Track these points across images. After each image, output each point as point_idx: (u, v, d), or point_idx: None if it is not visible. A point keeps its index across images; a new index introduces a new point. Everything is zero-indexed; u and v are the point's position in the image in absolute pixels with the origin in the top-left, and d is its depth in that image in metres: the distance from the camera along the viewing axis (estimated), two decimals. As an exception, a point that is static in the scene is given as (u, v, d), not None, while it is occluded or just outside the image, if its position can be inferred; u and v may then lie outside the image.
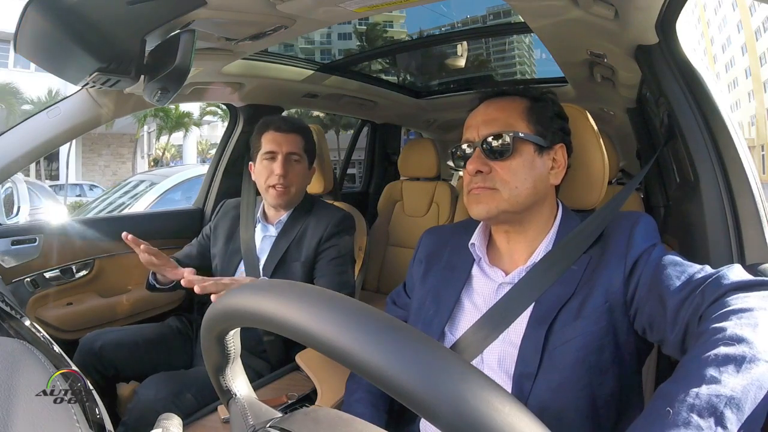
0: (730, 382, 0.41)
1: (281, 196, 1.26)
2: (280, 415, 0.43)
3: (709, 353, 0.44)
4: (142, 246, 1.09)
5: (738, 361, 0.42)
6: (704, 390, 0.40)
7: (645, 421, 0.41)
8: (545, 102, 0.76)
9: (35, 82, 11.67)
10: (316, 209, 1.34)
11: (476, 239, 0.78)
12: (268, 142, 1.27)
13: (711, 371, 0.42)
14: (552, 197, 0.77)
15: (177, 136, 16.01)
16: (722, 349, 0.44)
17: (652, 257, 0.65)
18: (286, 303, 0.31)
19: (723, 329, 0.46)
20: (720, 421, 0.39)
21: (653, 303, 0.61)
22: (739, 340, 0.44)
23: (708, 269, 0.60)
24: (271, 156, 1.26)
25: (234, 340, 0.42)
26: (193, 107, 14.60)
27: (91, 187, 14.20)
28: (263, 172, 1.27)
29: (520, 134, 0.71)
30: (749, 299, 0.50)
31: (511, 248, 0.76)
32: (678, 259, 0.64)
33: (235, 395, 0.45)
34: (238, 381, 0.46)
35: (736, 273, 0.56)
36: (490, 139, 0.72)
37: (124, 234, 1.09)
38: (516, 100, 0.75)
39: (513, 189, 0.71)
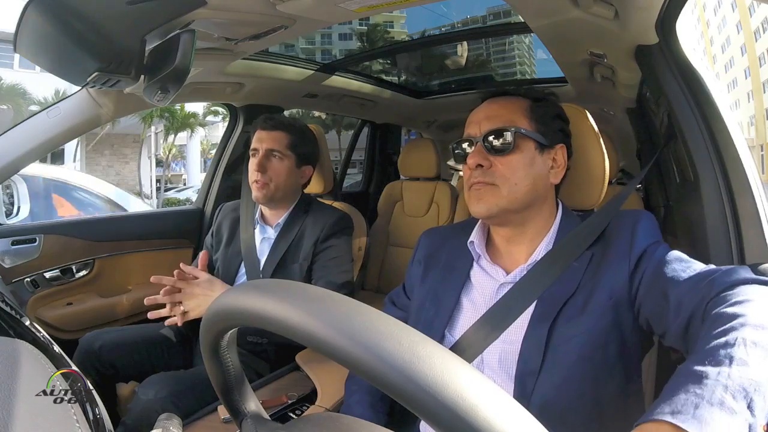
0: (758, 368, 0.40)
1: (259, 190, 1.27)
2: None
3: (735, 335, 0.43)
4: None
5: (765, 348, 0.41)
6: (735, 371, 0.39)
7: (673, 398, 0.38)
8: (547, 102, 0.77)
9: (41, 83, 11.66)
10: (313, 210, 1.34)
11: (475, 237, 0.78)
12: (254, 139, 1.31)
13: (740, 353, 0.41)
14: (552, 197, 0.77)
15: (181, 136, 16.01)
16: (749, 333, 0.43)
17: (657, 253, 0.65)
18: (277, 302, 0.31)
19: (744, 314, 0.45)
20: (750, 406, 0.37)
21: (656, 295, 0.61)
22: (763, 327, 0.43)
23: (713, 266, 0.60)
24: (254, 152, 1.29)
25: (230, 354, 0.42)
26: (197, 107, 14.62)
27: (95, 186, 14.19)
28: (250, 168, 1.30)
29: (522, 130, 0.71)
30: (763, 292, 0.50)
31: (510, 248, 0.76)
32: (683, 255, 0.64)
33: (247, 417, 0.45)
34: (248, 401, 0.45)
35: (747, 271, 0.56)
36: (491, 135, 0.72)
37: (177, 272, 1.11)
38: (518, 99, 0.76)
39: (512, 185, 0.71)
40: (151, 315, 1.05)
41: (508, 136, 0.71)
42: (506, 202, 0.71)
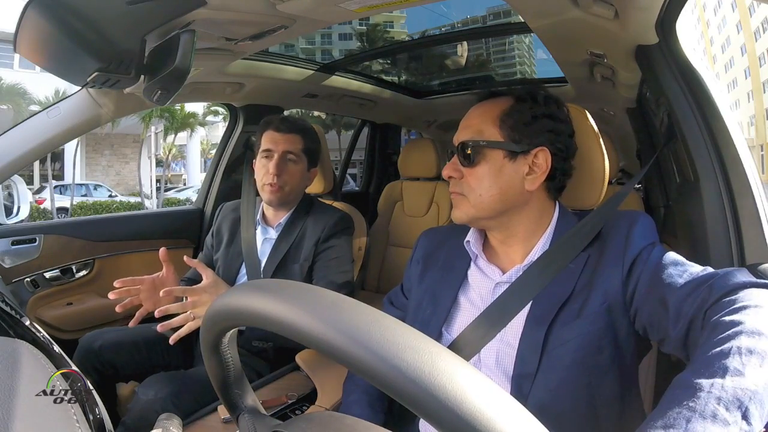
0: (754, 377, 0.39)
1: (274, 193, 1.27)
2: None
3: (731, 344, 0.43)
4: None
5: (761, 356, 0.41)
6: (729, 382, 0.39)
7: (667, 411, 0.38)
8: (528, 103, 0.73)
9: (41, 83, 11.66)
10: (314, 210, 1.34)
11: (471, 237, 0.78)
12: (266, 140, 1.29)
13: (734, 363, 0.41)
14: (537, 200, 0.74)
15: (181, 136, 16.01)
16: (744, 341, 0.42)
17: (652, 256, 0.64)
18: (279, 302, 0.31)
19: (742, 322, 0.45)
20: (746, 416, 0.37)
21: (654, 301, 0.61)
22: (759, 333, 0.43)
23: (710, 270, 0.60)
24: (268, 154, 1.28)
25: (231, 350, 0.42)
26: (197, 107, 14.64)
27: (96, 186, 14.21)
28: (261, 170, 1.29)
29: (481, 143, 0.72)
30: (763, 296, 0.50)
31: (505, 248, 0.76)
32: (679, 258, 0.64)
33: (244, 411, 0.45)
34: (246, 396, 0.45)
35: (745, 274, 0.55)
36: (461, 146, 0.73)
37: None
38: (499, 102, 0.74)
39: (477, 196, 0.72)
40: (160, 328, 1.01)
41: (473, 149, 0.72)
42: (474, 210, 0.73)
